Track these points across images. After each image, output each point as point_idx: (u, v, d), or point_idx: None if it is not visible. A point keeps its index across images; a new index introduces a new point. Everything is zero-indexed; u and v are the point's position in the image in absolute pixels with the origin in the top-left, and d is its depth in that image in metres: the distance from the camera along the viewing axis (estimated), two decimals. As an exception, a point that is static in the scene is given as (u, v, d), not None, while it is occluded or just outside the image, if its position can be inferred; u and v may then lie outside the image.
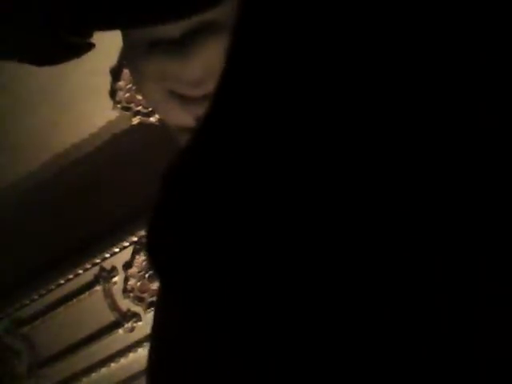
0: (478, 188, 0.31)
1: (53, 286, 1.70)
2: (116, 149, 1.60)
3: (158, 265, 0.35)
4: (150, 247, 0.35)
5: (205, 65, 0.53)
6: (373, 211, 0.31)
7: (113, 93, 1.57)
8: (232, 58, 0.36)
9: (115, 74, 1.55)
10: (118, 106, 1.57)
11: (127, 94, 1.56)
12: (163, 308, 0.38)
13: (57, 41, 0.51)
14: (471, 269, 0.31)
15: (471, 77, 0.31)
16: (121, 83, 1.55)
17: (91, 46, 0.52)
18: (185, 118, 0.57)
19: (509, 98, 0.31)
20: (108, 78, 1.56)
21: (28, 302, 1.72)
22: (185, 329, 0.35)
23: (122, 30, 0.55)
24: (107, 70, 1.55)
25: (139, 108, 1.57)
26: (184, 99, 0.56)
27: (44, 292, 1.71)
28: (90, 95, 1.55)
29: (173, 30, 0.53)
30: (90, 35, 0.50)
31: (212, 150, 0.35)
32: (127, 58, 0.61)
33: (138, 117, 1.57)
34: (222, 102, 0.36)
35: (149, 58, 0.54)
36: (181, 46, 0.53)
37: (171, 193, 0.36)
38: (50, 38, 0.51)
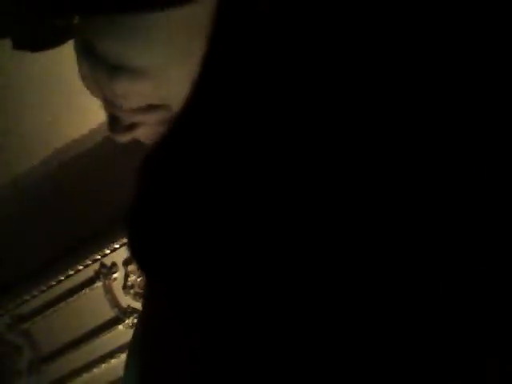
0: (476, 189, 0.31)
1: (53, 283, 1.70)
2: (116, 145, 1.60)
3: (140, 256, 0.35)
4: (132, 240, 0.35)
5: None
6: (369, 210, 0.31)
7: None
8: (207, 61, 0.36)
9: (115, 69, 1.54)
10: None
11: (127, 90, 1.56)
12: (150, 299, 0.38)
13: (42, 24, 0.51)
14: (462, 282, 0.31)
15: (469, 81, 0.31)
16: (121, 79, 1.55)
17: (76, 30, 0.52)
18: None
19: (506, 97, 0.31)
20: (108, 74, 1.56)
21: (28, 298, 1.72)
22: (173, 322, 0.35)
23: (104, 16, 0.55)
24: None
25: (139, 104, 1.56)
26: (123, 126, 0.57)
27: (44, 288, 1.71)
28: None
29: (139, 59, 0.53)
30: (74, 18, 0.51)
31: (187, 141, 0.35)
32: (83, 70, 0.61)
33: (138, 113, 1.57)
34: (195, 99, 0.36)
35: (111, 80, 0.54)
36: (146, 75, 0.53)
37: (148, 184, 0.36)
38: (35, 21, 0.51)
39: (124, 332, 1.71)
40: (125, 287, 1.69)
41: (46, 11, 0.49)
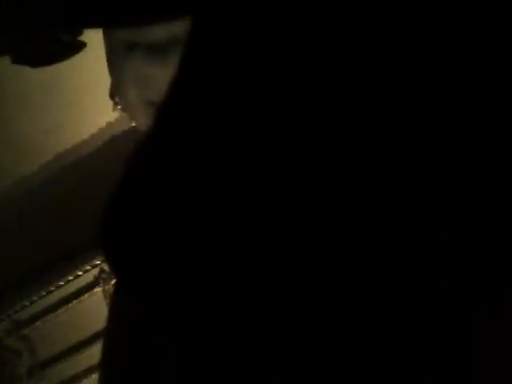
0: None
1: (53, 288, 1.70)
2: (116, 149, 1.60)
3: (114, 259, 0.35)
4: (106, 243, 0.35)
5: None
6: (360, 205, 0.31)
7: (113, 94, 1.57)
8: (188, 53, 0.36)
9: (115, 75, 1.54)
10: (118, 107, 1.57)
11: (127, 95, 1.56)
12: (121, 306, 0.37)
13: (51, 40, 0.51)
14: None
15: (468, 88, 0.30)
16: (121, 84, 1.55)
17: (83, 45, 0.52)
18: None
19: (503, 95, 0.31)
20: (108, 80, 1.56)
21: (28, 303, 1.72)
22: (151, 327, 0.35)
23: (111, 29, 0.55)
24: (107, 72, 1.54)
25: (139, 109, 1.56)
26: None
27: (44, 293, 1.71)
28: (90, 96, 1.55)
29: (155, 35, 0.53)
30: (81, 33, 0.51)
31: (169, 142, 0.35)
32: (107, 58, 0.61)
33: (138, 118, 1.57)
34: (176, 95, 0.36)
35: (128, 60, 0.54)
36: (164, 52, 0.52)
37: (125, 186, 0.36)
38: (45, 37, 0.51)
39: (123, 337, 1.71)
40: (124, 292, 1.69)
41: (58, 27, 0.49)
